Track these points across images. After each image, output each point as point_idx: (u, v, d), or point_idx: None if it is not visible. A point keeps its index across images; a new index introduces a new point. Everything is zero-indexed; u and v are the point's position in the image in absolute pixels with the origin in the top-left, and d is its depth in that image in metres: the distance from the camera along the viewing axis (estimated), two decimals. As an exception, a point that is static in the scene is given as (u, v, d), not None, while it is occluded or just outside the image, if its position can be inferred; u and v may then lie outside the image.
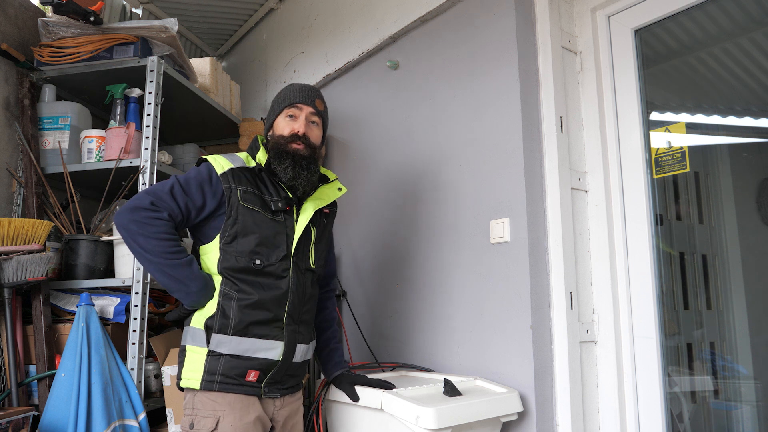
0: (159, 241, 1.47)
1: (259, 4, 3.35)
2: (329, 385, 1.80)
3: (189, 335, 1.56)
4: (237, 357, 1.51)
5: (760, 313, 1.66)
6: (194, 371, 1.51)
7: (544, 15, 1.90)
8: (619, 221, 1.83)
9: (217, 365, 1.50)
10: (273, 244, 1.57)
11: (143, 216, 1.47)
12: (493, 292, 1.84)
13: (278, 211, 1.60)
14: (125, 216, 1.48)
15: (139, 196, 1.52)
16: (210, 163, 1.60)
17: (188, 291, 1.51)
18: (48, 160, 2.10)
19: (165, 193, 1.51)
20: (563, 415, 1.71)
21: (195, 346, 1.53)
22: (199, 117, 2.59)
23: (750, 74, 1.74)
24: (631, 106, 1.84)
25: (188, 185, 1.55)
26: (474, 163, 1.97)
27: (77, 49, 2.10)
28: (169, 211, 1.50)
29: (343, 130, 2.67)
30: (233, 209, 1.55)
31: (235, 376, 1.50)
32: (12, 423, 1.62)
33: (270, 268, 1.56)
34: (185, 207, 1.53)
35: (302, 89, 1.69)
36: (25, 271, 1.80)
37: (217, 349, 1.50)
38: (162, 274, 1.49)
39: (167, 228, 1.49)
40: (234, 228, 1.54)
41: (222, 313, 1.51)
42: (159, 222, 1.48)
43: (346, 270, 2.54)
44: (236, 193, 1.56)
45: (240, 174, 1.60)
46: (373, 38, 2.45)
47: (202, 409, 1.49)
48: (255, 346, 1.52)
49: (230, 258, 1.53)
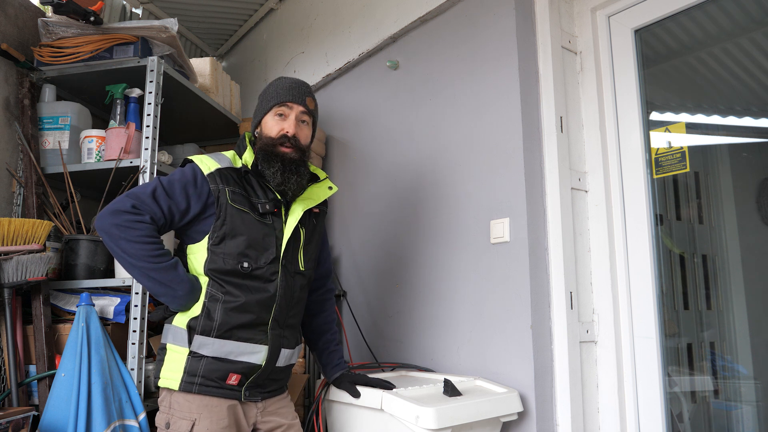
0: (142, 245, 1.43)
1: (259, 4, 3.35)
2: (329, 385, 1.80)
3: (170, 334, 1.52)
4: (219, 359, 1.47)
5: (760, 313, 1.66)
6: (173, 371, 1.48)
7: (544, 15, 1.90)
8: (619, 221, 1.83)
9: (198, 367, 1.46)
10: (262, 247, 1.53)
11: (124, 219, 1.43)
12: (493, 292, 1.84)
13: (266, 213, 1.55)
14: (106, 219, 1.43)
15: (120, 199, 1.46)
16: (195, 163, 1.55)
17: (174, 295, 1.47)
18: (48, 160, 2.10)
19: (147, 195, 1.47)
20: (563, 415, 1.71)
21: (176, 345, 1.49)
22: (199, 117, 2.59)
23: (750, 74, 1.74)
24: (631, 106, 1.84)
25: (172, 188, 1.50)
26: (474, 163, 1.97)
27: (77, 49, 2.10)
28: (151, 215, 1.46)
29: (343, 130, 2.67)
30: (222, 210, 1.51)
31: (215, 379, 1.47)
32: (12, 423, 1.62)
33: (258, 271, 1.52)
34: (168, 210, 1.48)
35: (292, 86, 1.61)
36: (25, 271, 1.80)
37: (199, 350, 1.47)
38: (147, 278, 1.45)
39: (150, 231, 1.45)
40: (222, 229, 1.50)
41: (207, 314, 1.48)
42: (141, 225, 1.44)
43: (346, 270, 2.53)
44: (225, 194, 1.51)
45: (227, 174, 1.55)
46: (373, 38, 2.45)
47: (179, 410, 1.46)
48: (238, 350, 1.49)
49: (218, 260, 1.49)
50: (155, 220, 1.47)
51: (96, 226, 1.46)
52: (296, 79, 1.67)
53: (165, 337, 1.54)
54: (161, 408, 1.51)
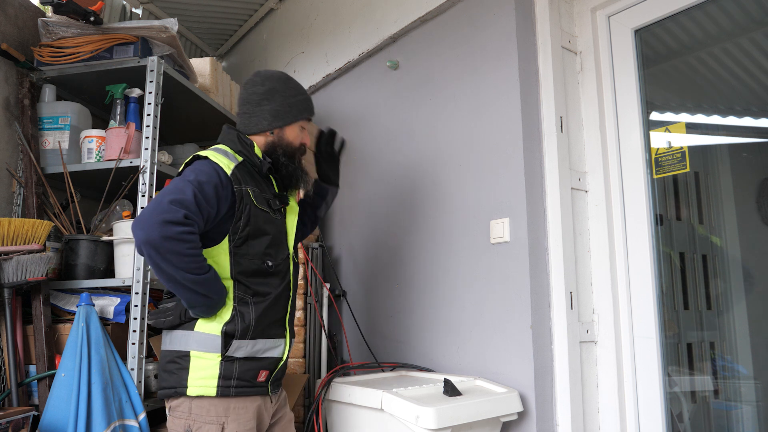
0: (192, 258, 1.35)
1: (259, 4, 3.35)
2: (329, 385, 1.80)
3: (193, 341, 1.46)
4: (250, 359, 1.48)
5: (760, 313, 1.66)
6: (206, 378, 1.44)
7: (544, 15, 1.90)
8: (619, 221, 1.83)
9: (233, 369, 1.45)
10: (280, 244, 1.58)
11: (177, 232, 1.32)
12: (493, 292, 1.84)
13: (277, 209, 1.59)
14: (155, 231, 1.31)
15: (167, 207, 1.34)
16: (215, 162, 1.49)
17: (211, 304, 1.43)
18: (48, 160, 2.10)
19: (193, 204, 1.37)
20: (563, 415, 1.70)
21: (204, 352, 1.45)
22: (199, 117, 2.59)
23: (750, 74, 1.74)
24: (631, 106, 1.84)
25: (205, 192, 1.41)
26: (474, 163, 1.97)
27: (77, 49, 2.10)
28: (198, 224, 1.39)
29: (343, 130, 2.66)
30: (244, 210, 1.48)
31: (249, 379, 1.48)
32: (12, 423, 1.62)
33: (278, 267, 1.55)
34: (206, 217, 1.42)
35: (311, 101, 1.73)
36: (25, 271, 1.80)
37: (235, 353, 1.45)
38: (187, 290, 1.38)
39: (198, 242, 1.38)
40: (246, 230, 1.48)
41: (240, 318, 1.46)
42: (192, 237, 1.36)
43: (346, 270, 2.53)
44: (248, 194, 1.49)
45: (244, 172, 1.53)
46: (373, 38, 2.45)
47: (204, 415, 1.43)
48: (266, 346, 1.52)
49: (243, 261, 1.48)
50: (200, 229, 1.41)
51: (140, 236, 1.32)
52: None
53: (186, 345, 1.47)
54: (176, 413, 1.46)
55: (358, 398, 1.69)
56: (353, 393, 1.71)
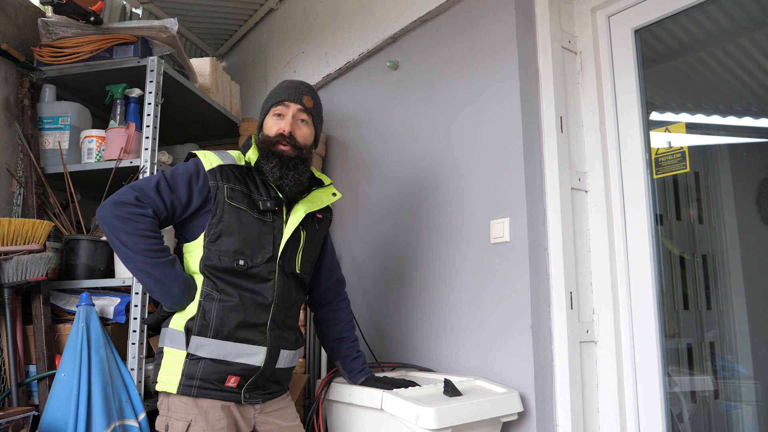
0: (142, 239, 1.42)
1: (259, 4, 3.35)
2: (329, 385, 1.80)
3: (167, 337, 1.50)
4: (217, 361, 1.46)
5: (760, 313, 1.66)
6: (171, 374, 1.47)
7: (544, 15, 1.90)
8: (619, 221, 1.83)
9: (196, 369, 1.45)
10: (258, 245, 1.52)
11: (127, 211, 1.42)
12: (493, 292, 1.84)
13: (266, 210, 1.55)
14: (108, 211, 1.43)
15: (123, 190, 1.46)
16: (199, 158, 1.56)
17: (169, 292, 1.46)
18: (48, 160, 2.10)
19: (150, 188, 1.47)
20: (563, 415, 1.71)
21: (173, 348, 1.48)
22: (199, 117, 2.59)
23: (750, 74, 1.74)
24: (631, 106, 1.84)
25: (174, 181, 1.50)
26: (474, 163, 1.97)
27: (77, 49, 2.10)
28: (153, 208, 1.45)
29: (343, 130, 2.67)
30: (219, 207, 1.50)
31: (213, 381, 1.46)
32: (12, 423, 1.62)
33: (254, 269, 1.51)
34: (171, 204, 1.48)
35: (290, 86, 1.63)
36: (25, 271, 1.80)
37: (197, 352, 1.45)
38: (142, 272, 1.44)
39: (151, 225, 1.45)
40: (219, 226, 1.50)
41: (202, 314, 1.47)
42: (143, 218, 1.43)
43: (346, 270, 2.53)
44: (222, 191, 1.51)
45: (229, 171, 1.55)
46: (373, 38, 2.45)
47: (176, 412, 1.46)
48: (236, 351, 1.48)
49: (213, 257, 1.49)
50: (157, 214, 1.47)
51: (97, 216, 1.45)
52: (296, 80, 1.68)
53: (162, 341, 1.53)
54: (161, 411, 1.51)
55: (358, 398, 1.69)
56: (353, 393, 1.71)
